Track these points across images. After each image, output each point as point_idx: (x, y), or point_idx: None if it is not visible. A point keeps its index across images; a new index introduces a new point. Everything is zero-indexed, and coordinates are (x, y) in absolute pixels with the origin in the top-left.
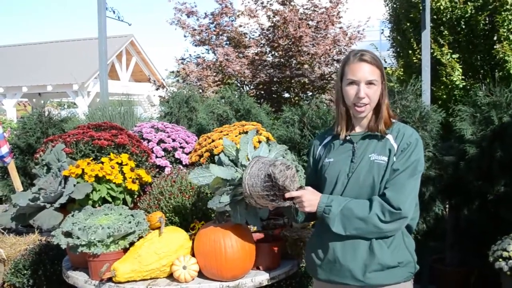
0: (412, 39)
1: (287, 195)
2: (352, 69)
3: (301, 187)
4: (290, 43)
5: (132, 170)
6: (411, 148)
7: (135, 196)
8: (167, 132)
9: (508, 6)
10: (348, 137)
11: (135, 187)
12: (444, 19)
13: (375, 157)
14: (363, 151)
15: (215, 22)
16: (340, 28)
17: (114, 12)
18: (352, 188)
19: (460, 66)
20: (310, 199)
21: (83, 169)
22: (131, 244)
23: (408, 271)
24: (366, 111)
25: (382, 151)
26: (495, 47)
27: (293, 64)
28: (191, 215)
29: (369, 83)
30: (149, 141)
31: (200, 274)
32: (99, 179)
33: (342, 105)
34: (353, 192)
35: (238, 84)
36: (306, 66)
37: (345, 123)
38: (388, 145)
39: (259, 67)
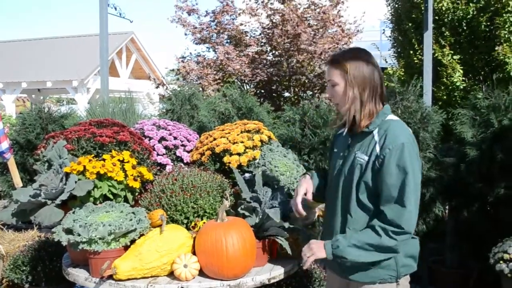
0: (413, 40)
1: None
2: None
3: None
4: (288, 41)
5: (133, 167)
6: (394, 154)
7: (136, 194)
8: (169, 130)
9: (509, 8)
10: (348, 131)
11: (136, 185)
12: (445, 20)
13: (359, 155)
14: (354, 147)
15: (216, 20)
16: (340, 27)
17: (115, 8)
18: (336, 181)
19: (461, 67)
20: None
21: (84, 166)
22: (132, 241)
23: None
24: (341, 110)
25: (365, 149)
26: (495, 48)
27: (292, 64)
28: (192, 213)
29: (331, 84)
30: (150, 138)
31: (201, 273)
32: (100, 176)
33: None
34: (337, 185)
35: (238, 83)
36: (305, 65)
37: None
38: (372, 144)
39: (259, 66)
